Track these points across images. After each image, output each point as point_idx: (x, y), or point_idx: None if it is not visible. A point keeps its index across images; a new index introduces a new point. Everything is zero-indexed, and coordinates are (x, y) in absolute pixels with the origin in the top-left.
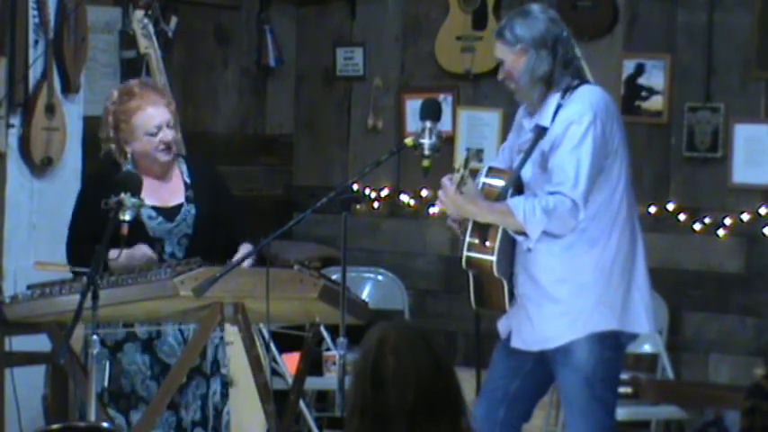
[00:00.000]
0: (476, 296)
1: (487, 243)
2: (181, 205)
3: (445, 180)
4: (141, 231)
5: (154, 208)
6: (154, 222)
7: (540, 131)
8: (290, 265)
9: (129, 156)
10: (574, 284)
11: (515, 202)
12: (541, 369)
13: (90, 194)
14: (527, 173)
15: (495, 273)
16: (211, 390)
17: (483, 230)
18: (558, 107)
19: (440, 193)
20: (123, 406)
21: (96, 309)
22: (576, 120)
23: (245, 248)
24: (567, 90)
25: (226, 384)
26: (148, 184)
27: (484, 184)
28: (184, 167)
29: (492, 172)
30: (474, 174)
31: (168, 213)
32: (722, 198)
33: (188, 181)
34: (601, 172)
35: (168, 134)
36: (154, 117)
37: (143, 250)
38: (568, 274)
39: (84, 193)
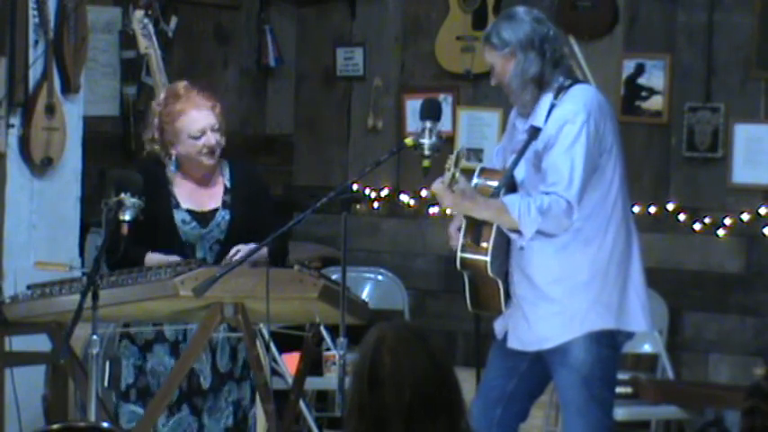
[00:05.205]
0: (471, 299)
1: (481, 243)
2: (216, 210)
3: (436, 183)
4: (174, 235)
5: (189, 212)
6: (187, 227)
7: (534, 131)
8: (289, 264)
9: (173, 158)
10: (570, 284)
11: (511, 200)
12: (538, 369)
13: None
14: (520, 173)
15: (490, 272)
16: (241, 394)
17: (476, 231)
18: (552, 107)
19: (435, 192)
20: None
21: (96, 309)
22: (570, 119)
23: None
24: (560, 90)
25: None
26: (187, 187)
27: (476, 184)
28: (227, 171)
29: (484, 173)
30: (466, 172)
31: (203, 218)
32: (722, 198)
33: (228, 185)
34: (595, 171)
35: (212, 138)
36: (197, 121)
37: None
38: (564, 273)
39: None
